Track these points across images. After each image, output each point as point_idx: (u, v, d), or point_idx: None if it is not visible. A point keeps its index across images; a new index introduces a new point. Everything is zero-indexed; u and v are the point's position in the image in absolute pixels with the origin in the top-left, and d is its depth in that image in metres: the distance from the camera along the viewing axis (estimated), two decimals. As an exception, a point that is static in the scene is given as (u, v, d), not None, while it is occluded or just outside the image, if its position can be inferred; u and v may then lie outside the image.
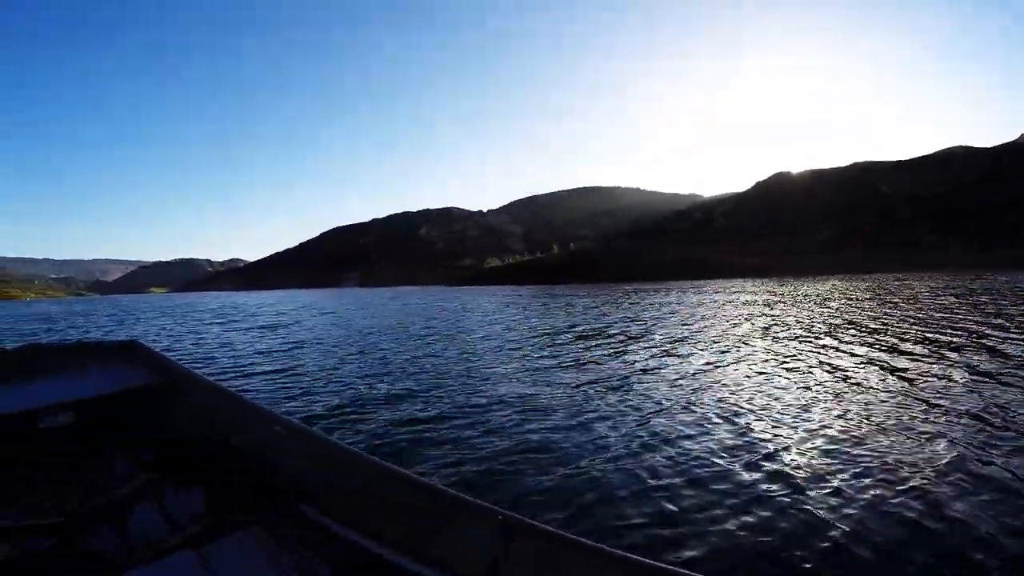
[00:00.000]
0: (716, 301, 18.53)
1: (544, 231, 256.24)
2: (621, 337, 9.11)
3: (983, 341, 7.18)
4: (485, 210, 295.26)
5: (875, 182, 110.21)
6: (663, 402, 4.53)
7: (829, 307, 14.25)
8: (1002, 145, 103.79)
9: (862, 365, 5.90)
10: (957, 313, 10.88)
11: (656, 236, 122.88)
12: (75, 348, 3.62)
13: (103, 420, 2.70)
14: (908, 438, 3.42)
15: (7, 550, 1.79)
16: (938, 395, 4.45)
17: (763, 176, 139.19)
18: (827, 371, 5.65)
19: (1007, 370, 5.29)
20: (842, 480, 2.82)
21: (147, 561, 1.65)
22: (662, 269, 74.85)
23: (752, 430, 3.70)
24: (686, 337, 8.81)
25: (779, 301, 17.36)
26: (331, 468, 1.61)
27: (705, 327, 10.32)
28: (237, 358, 8.39)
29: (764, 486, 2.78)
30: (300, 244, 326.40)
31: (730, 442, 3.46)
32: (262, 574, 1.43)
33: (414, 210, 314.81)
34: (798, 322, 10.58)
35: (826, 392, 4.74)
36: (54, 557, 1.78)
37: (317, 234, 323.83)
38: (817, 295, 19.94)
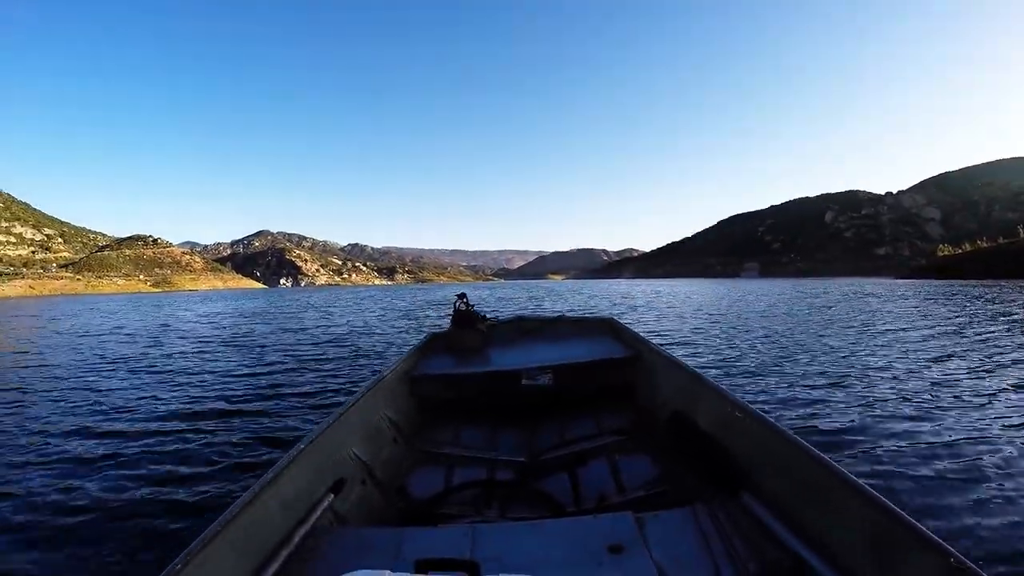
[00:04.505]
0: None
1: (965, 214, 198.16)
2: None
3: None
4: (894, 191, 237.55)
5: None
6: None
7: None
8: None
9: None
10: None
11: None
12: (557, 320, 4.19)
13: (576, 383, 2.95)
14: None
15: (483, 476, 2.18)
16: None
17: None
18: None
19: None
20: None
21: (589, 511, 1.81)
22: None
23: None
24: None
25: None
26: (779, 459, 1.50)
27: None
28: (697, 342, 8.64)
29: None
30: (695, 234, 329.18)
31: None
32: (691, 552, 1.40)
33: (812, 195, 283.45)
34: None
35: None
36: (514, 488, 2.07)
37: (713, 223, 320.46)
38: None
